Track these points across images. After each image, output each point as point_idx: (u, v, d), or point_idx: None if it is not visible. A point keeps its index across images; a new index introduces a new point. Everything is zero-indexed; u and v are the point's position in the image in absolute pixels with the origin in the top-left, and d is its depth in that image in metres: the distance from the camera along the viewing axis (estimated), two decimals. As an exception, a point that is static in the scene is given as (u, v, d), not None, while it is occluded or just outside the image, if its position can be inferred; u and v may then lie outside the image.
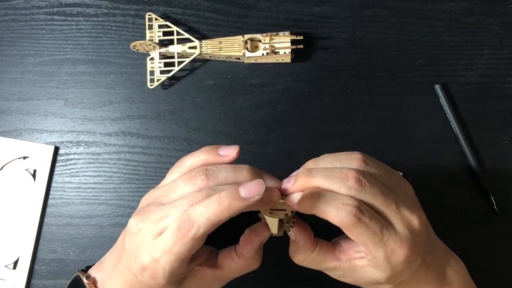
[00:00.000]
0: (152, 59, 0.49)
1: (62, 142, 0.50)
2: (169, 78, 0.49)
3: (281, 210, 0.35)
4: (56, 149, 0.49)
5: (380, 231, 0.33)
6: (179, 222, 0.32)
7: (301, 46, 0.48)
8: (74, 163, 0.49)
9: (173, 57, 0.49)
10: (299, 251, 0.37)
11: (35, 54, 0.51)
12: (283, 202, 0.36)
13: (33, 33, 0.51)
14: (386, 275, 0.34)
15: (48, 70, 0.50)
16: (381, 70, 0.50)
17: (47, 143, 0.49)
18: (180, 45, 0.49)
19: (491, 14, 0.50)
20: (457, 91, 0.49)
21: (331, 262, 0.37)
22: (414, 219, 0.34)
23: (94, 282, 0.38)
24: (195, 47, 0.48)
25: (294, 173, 0.37)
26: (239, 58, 0.49)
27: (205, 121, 0.49)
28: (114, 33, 0.51)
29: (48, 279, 0.48)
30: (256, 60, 0.49)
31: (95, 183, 0.49)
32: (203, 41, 0.49)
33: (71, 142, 0.50)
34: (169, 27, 0.49)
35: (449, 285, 0.38)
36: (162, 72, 0.49)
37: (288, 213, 0.35)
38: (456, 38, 0.50)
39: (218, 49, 0.48)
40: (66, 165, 0.49)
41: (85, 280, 0.38)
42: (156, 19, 0.50)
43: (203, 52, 0.48)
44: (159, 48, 0.49)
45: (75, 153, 0.49)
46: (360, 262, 0.36)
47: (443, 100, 0.49)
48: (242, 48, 0.48)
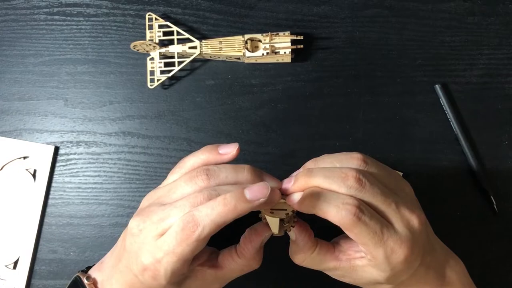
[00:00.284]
0: (152, 59, 0.49)
1: (62, 142, 0.50)
2: (169, 78, 0.49)
3: (281, 209, 0.35)
4: (56, 149, 0.49)
5: (380, 230, 0.33)
6: (184, 223, 0.32)
7: (301, 46, 0.48)
8: (74, 163, 0.49)
9: (173, 57, 0.49)
10: (299, 251, 0.37)
11: (35, 54, 0.51)
12: (283, 202, 0.36)
13: (33, 33, 0.51)
14: (386, 275, 0.34)
15: (48, 70, 0.50)
16: (381, 70, 0.50)
17: (47, 143, 0.49)
18: (180, 45, 0.49)
19: (491, 14, 0.50)
20: (457, 91, 0.49)
21: (331, 262, 0.37)
22: (414, 219, 0.34)
23: (95, 283, 0.38)
24: (195, 47, 0.48)
25: (295, 173, 0.37)
26: (239, 58, 0.49)
27: (205, 121, 0.49)
28: (114, 33, 0.51)
29: (48, 279, 0.48)
30: (256, 60, 0.49)
31: (95, 183, 0.49)
32: (203, 41, 0.49)
33: (71, 142, 0.50)
34: (169, 27, 0.49)
35: (448, 285, 0.38)
36: (162, 72, 0.49)
37: (288, 213, 0.35)
38: (456, 38, 0.50)
39: (218, 49, 0.48)
40: (66, 165, 0.49)
41: (86, 281, 0.38)
42: (156, 19, 0.50)
43: (203, 52, 0.48)
44: (159, 48, 0.49)
45: (75, 153, 0.49)
46: (360, 262, 0.36)
47: (443, 100, 0.49)
48: (242, 48, 0.48)
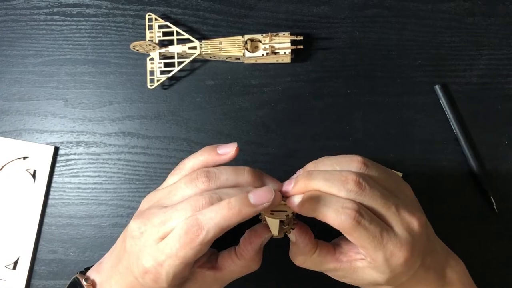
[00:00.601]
0: (152, 59, 0.49)
1: (62, 142, 0.50)
2: (169, 79, 0.49)
3: (281, 211, 0.35)
4: (56, 149, 0.49)
5: (380, 234, 0.33)
6: (188, 227, 0.32)
7: (301, 46, 0.48)
8: (74, 164, 0.49)
9: (173, 57, 0.49)
10: (300, 253, 0.37)
11: (35, 54, 0.51)
12: (284, 204, 0.36)
13: (33, 33, 0.51)
14: (386, 276, 0.34)
15: (48, 70, 0.50)
16: (381, 70, 0.50)
17: (47, 143, 0.49)
18: (180, 45, 0.49)
19: (491, 14, 0.50)
20: (457, 91, 0.49)
21: (331, 264, 0.37)
22: (414, 222, 0.34)
23: (93, 285, 0.38)
24: (195, 48, 0.48)
25: (295, 175, 0.37)
26: (239, 59, 0.49)
27: (205, 121, 0.49)
28: (114, 33, 0.51)
29: (48, 279, 0.48)
30: (256, 61, 0.49)
31: (95, 183, 0.49)
32: (203, 41, 0.49)
33: (71, 142, 0.50)
34: (169, 27, 0.49)
35: (449, 285, 0.38)
36: (162, 72, 0.49)
37: (289, 214, 0.35)
38: (456, 39, 0.50)
39: (218, 50, 0.48)
40: (66, 165, 0.49)
41: (84, 283, 0.38)
42: (156, 19, 0.50)
43: (203, 53, 0.48)
44: (159, 49, 0.49)
45: (75, 154, 0.49)
46: (360, 264, 0.36)
47: (443, 100, 0.49)
48: (242, 48, 0.48)
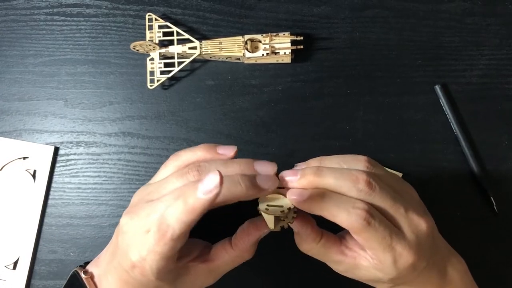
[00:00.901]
0: (152, 59, 0.49)
1: (62, 143, 0.50)
2: (169, 79, 0.49)
3: (278, 206, 0.35)
4: (56, 150, 0.49)
5: (389, 236, 0.33)
6: (158, 224, 0.32)
7: (301, 46, 0.48)
8: (74, 164, 0.49)
9: (173, 57, 0.49)
10: (304, 242, 0.37)
11: (35, 54, 0.51)
12: (282, 197, 0.35)
13: (33, 33, 0.51)
14: (390, 277, 0.34)
15: (48, 70, 0.50)
16: (381, 70, 0.50)
17: (47, 144, 0.49)
18: (180, 45, 0.49)
19: (491, 14, 0.50)
20: (457, 91, 0.49)
21: (336, 256, 0.37)
22: (422, 223, 0.34)
23: (92, 277, 0.39)
24: (195, 48, 0.48)
25: (299, 166, 0.37)
26: (239, 59, 0.49)
27: (205, 121, 0.49)
28: (114, 33, 0.51)
29: (48, 279, 0.48)
30: (256, 61, 0.49)
31: (95, 183, 0.49)
32: (203, 41, 0.49)
33: (71, 142, 0.50)
34: (169, 27, 0.49)
35: (450, 283, 0.38)
36: (162, 72, 0.49)
37: (284, 210, 0.35)
38: (456, 39, 0.50)
39: (218, 50, 0.48)
40: (66, 165, 0.49)
41: (83, 275, 0.39)
42: (156, 19, 0.50)
43: (203, 53, 0.48)
44: (159, 49, 0.49)
45: (75, 154, 0.49)
46: (365, 263, 0.35)
47: (443, 100, 0.49)
48: (242, 48, 0.48)
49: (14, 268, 0.48)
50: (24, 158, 0.49)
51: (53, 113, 0.50)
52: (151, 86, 0.49)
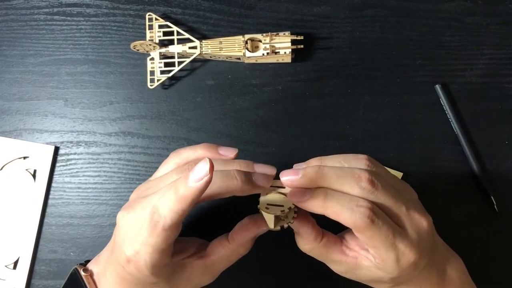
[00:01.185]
0: (152, 59, 0.49)
1: (62, 142, 0.50)
2: (169, 78, 0.49)
3: (278, 205, 0.35)
4: (56, 149, 0.49)
5: (393, 234, 0.33)
6: (150, 215, 0.33)
7: (301, 46, 0.48)
8: (74, 163, 0.49)
9: (173, 57, 0.49)
10: (305, 241, 0.37)
11: (35, 54, 0.50)
12: (283, 197, 0.35)
13: (33, 33, 0.51)
14: (392, 276, 0.34)
15: (48, 70, 0.50)
16: (381, 70, 0.50)
17: (47, 143, 0.49)
18: (180, 45, 0.49)
19: (491, 14, 0.50)
20: (457, 91, 0.49)
21: (337, 255, 0.37)
22: (423, 221, 0.34)
23: (91, 275, 0.39)
24: (195, 47, 0.48)
25: (299, 166, 0.36)
26: (239, 58, 0.49)
27: (205, 121, 0.49)
28: (114, 33, 0.51)
29: (48, 279, 0.48)
30: (256, 60, 0.49)
31: (95, 183, 0.49)
32: (203, 41, 0.48)
33: (71, 142, 0.50)
34: (169, 27, 0.49)
35: (449, 283, 0.38)
36: (162, 72, 0.49)
37: (285, 210, 0.35)
38: (456, 38, 0.50)
39: (219, 49, 0.48)
40: (66, 165, 0.49)
41: (83, 273, 0.39)
42: (156, 19, 0.50)
43: (203, 52, 0.48)
44: (159, 48, 0.49)
45: (75, 153, 0.49)
46: (366, 262, 0.35)
47: (443, 100, 0.49)
48: (242, 48, 0.48)
49: (14, 268, 0.48)
50: (24, 157, 0.49)
51: (53, 113, 0.50)
52: (151, 85, 0.49)
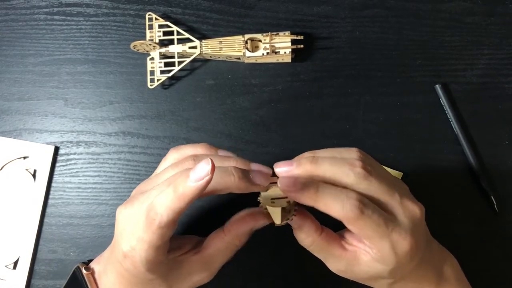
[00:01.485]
0: (152, 59, 0.49)
1: (62, 142, 0.50)
2: (169, 78, 0.49)
3: (282, 198, 0.35)
4: (56, 149, 0.49)
5: (384, 223, 0.33)
6: (146, 211, 0.32)
7: (301, 46, 0.48)
8: (74, 163, 0.49)
9: (173, 57, 0.49)
10: (306, 235, 0.37)
11: (35, 54, 0.50)
12: (281, 194, 0.35)
13: (33, 33, 0.51)
14: (390, 268, 0.34)
15: (48, 70, 0.50)
16: (381, 70, 0.50)
17: (47, 143, 0.49)
18: (180, 45, 0.49)
19: (491, 14, 0.50)
20: (457, 91, 0.49)
21: (337, 250, 0.37)
22: (416, 209, 0.35)
23: (93, 273, 0.39)
24: (195, 47, 0.48)
25: (295, 159, 0.37)
26: (239, 58, 0.49)
27: (205, 121, 0.49)
28: (114, 33, 0.51)
29: (48, 279, 0.48)
30: (256, 60, 0.49)
31: (95, 183, 0.49)
32: (203, 41, 0.48)
33: (71, 142, 0.50)
34: (169, 27, 0.49)
35: (446, 280, 0.38)
36: (162, 72, 0.49)
37: (290, 201, 0.35)
38: (456, 38, 0.50)
39: (218, 49, 0.48)
40: (66, 165, 0.49)
41: (84, 271, 0.39)
42: (156, 19, 0.50)
43: (203, 52, 0.48)
44: (159, 48, 0.49)
45: (75, 153, 0.49)
46: (365, 257, 0.35)
47: (443, 100, 0.49)
48: (242, 48, 0.48)
49: (14, 267, 0.48)
50: (24, 157, 0.49)
51: (53, 113, 0.50)
52: (151, 85, 0.49)
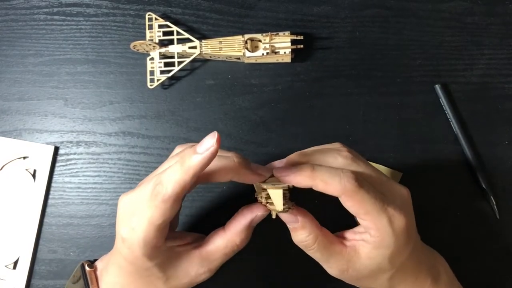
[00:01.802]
0: (152, 59, 0.49)
1: (62, 142, 0.50)
2: (169, 78, 0.49)
3: (279, 183, 0.36)
4: (56, 149, 0.49)
5: (380, 199, 0.34)
6: (152, 187, 0.33)
7: (301, 46, 0.48)
8: (74, 163, 0.49)
9: (173, 57, 0.49)
10: (309, 232, 0.37)
11: (35, 54, 0.50)
12: (279, 183, 0.36)
13: (33, 33, 0.51)
14: (390, 251, 0.35)
15: (48, 70, 0.50)
16: (381, 70, 0.50)
17: (47, 143, 0.49)
18: (180, 45, 0.49)
19: (491, 14, 0.50)
20: (457, 91, 0.49)
21: (338, 246, 0.37)
22: (403, 190, 0.37)
23: (95, 271, 0.40)
24: (195, 47, 0.48)
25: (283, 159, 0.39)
26: (239, 58, 0.49)
27: (205, 121, 0.49)
28: (114, 33, 0.51)
29: (48, 279, 0.48)
30: (256, 60, 0.49)
31: (95, 183, 0.49)
32: (203, 41, 0.48)
33: (71, 142, 0.50)
34: (169, 27, 0.49)
35: (439, 280, 0.39)
36: (162, 72, 0.49)
37: (290, 186, 0.36)
38: (456, 38, 0.50)
39: (218, 49, 0.48)
40: (66, 165, 0.49)
41: (87, 268, 0.40)
42: (156, 19, 0.50)
43: (203, 52, 0.48)
44: (159, 48, 0.49)
45: (75, 153, 0.49)
46: (365, 248, 0.36)
47: (443, 100, 0.49)
48: (242, 48, 0.48)
49: (14, 267, 0.48)
50: (24, 157, 0.49)
51: (53, 113, 0.50)
52: (151, 85, 0.49)
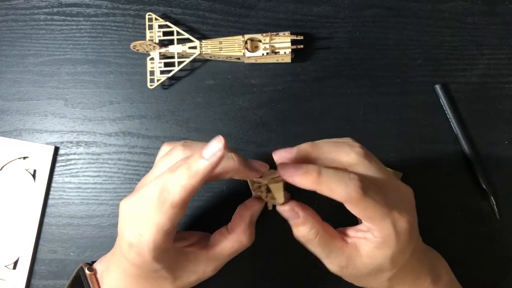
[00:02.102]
0: (152, 59, 0.49)
1: (62, 142, 0.50)
2: (169, 78, 0.49)
3: (277, 183, 0.36)
4: (56, 149, 0.49)
5: (384, 202, 0.34)
6: (159, 192, 0.33)
7: (301, 46, 0.48)
8: (74, 163, 0.49)
9: (173, 57, 0.49)
10: (310, 226, 0.37)
11: (35, 54, 0.50)
12: (277, 176, 0.36)
13: (33, 33, 0.51)
14: (392, 252, 0.35)
15: (48, 70, 0.50)
16: (381, 70, 0.50)
17: (47, 143, 0.49)
18: (180, 45, 0.49)
19: (491, 14, 0.50)
20: (457, 91, 0.49)
21: (339, 241, 0.37)
22: (408, 190, 0.37)
23: (95, 274, 0.39)
24: (195, 47, 0.48)
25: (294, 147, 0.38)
26: (239, 58, 0.49)
27: (205, 121, 0.49)
28: (114, 33, 0.51)
29: (48, 279, 0.48)
30: (256, 60, 0.49)
31: (95, 183, 0.49)
32: (203, 41, 0.48)
33: (71, 142, 0.50)
34: (169, 27, 0.49)
35: (440, 277, 0.39)
36: (162, 72, 0.49)
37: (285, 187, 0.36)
38: (456, 38, 0.50)
39: (218, 49, 0.48)
40: (66, 165, 0.49)
41: (87, 271, 0.39)
42: (156, 19, 0.50)
43: (203, 52, 0.48)
44: (159, 48, 0.49)
45: (75, 153, 0.49)
46: (366, 247, 0.36)
47: (443, 100, 0.49)
48: (242, 48, 0.48)
49: (14, 268, 0.48)
50: (24, 158, 0.49)
51: (53, 113, 0.50)
52: (151, 85, 0.49)
